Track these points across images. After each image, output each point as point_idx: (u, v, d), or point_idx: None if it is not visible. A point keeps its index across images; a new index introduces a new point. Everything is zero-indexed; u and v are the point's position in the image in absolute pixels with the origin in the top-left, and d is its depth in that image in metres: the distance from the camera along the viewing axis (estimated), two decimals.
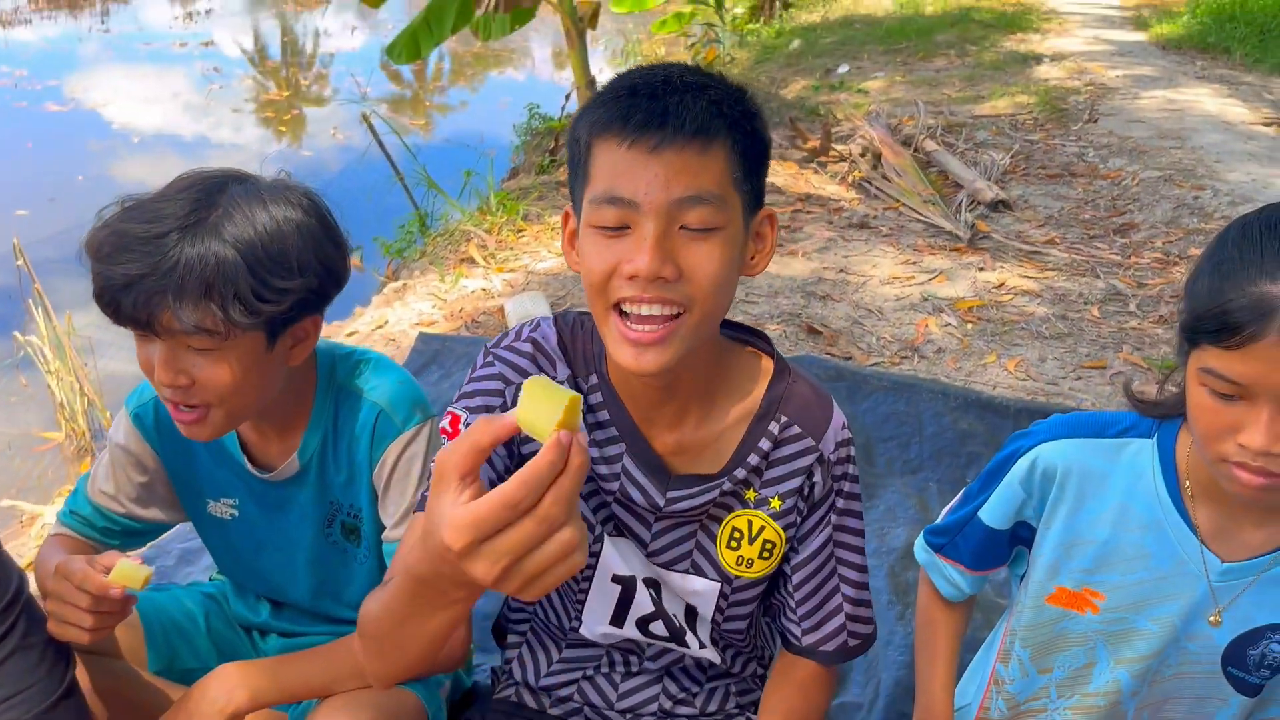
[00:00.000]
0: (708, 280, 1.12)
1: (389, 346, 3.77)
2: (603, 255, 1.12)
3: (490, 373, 1.31)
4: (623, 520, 1.37)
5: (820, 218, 5.28)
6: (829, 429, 1.35)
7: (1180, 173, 6.05)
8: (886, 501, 2.75)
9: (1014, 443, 1.44)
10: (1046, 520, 1.41)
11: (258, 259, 1.29)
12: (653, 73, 1.16)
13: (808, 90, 8.86)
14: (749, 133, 1.15)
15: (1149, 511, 1.33)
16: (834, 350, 3.70)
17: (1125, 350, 3.79)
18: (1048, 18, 12.66)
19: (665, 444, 1.31)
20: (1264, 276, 1.06)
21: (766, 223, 1.23)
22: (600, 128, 1.12)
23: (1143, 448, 1.34)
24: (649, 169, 1.09)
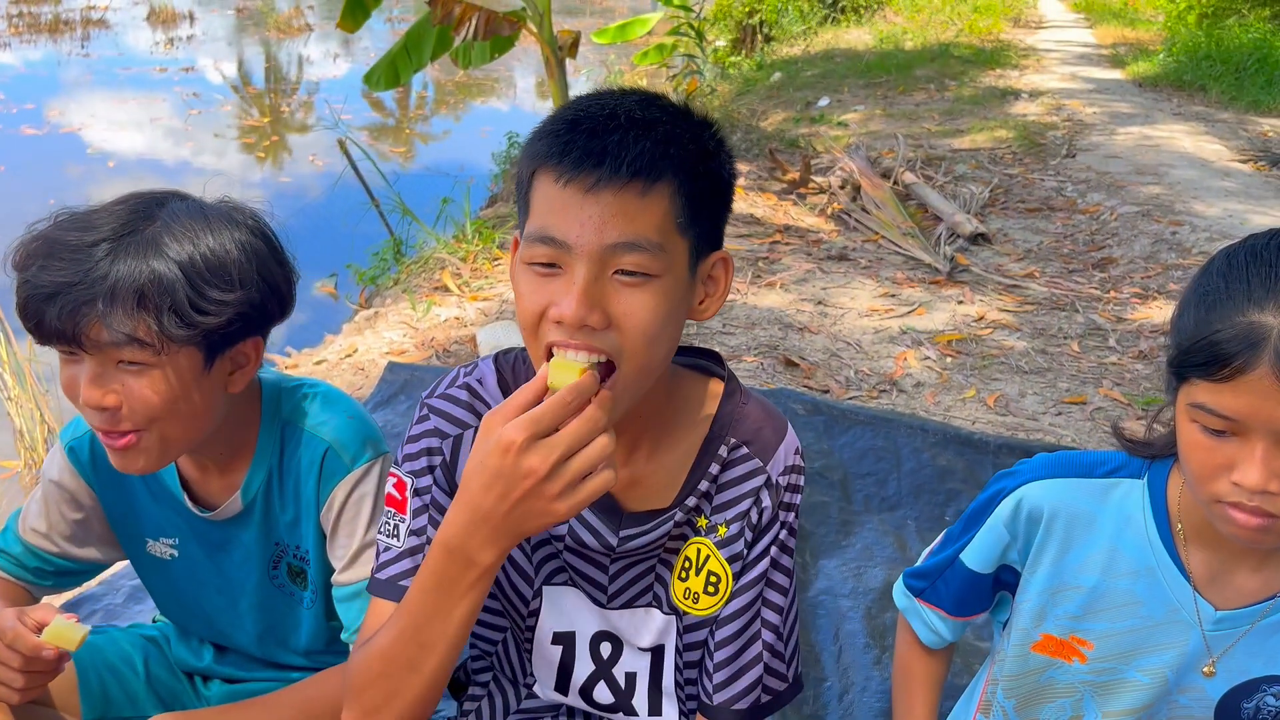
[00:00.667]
0: (637, 331, 1.06)
1: (357, 375, 3.69)
2: (534, 295, 1.07)
3: (425, 428, 1.26)
4: (575, 567, 1.31)
5: (799, 249, 5.24)
6: (779, 451, 1.27)
7: (1158, 208, 6.08)
8: (863, 540, 2.67)
9: (998, 482, 1.38)
10: (1032, 564, 1.34)
11: (196, 270, 1.23)
12: (600, 103, 1.08)
13: (788, 122, 8.89)
14: (701, 174, 1.08)
15: (1139, 556, 1.27)
16: (811, 383, 3.65)
17: (1105, 385, 3.75)
18: (1026, 54, 12.82)
19: (618, 482, 1.24)
20: (1252, 306, 1.02)
21: (720, 266, 1.16)
22: (539, 160, 1.06)
23: (1132, 489, 1.29)
24: (583, 210, 1.02)
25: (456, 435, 1.26)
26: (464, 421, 1.26)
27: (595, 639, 1.35)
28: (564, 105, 1.12)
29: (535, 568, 1.33)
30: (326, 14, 19.26)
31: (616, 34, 9.13)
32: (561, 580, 1.32)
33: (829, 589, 2.46)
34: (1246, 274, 1.05)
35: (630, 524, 1.25)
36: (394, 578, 1.26)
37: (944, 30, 14.31)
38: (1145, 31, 15.33)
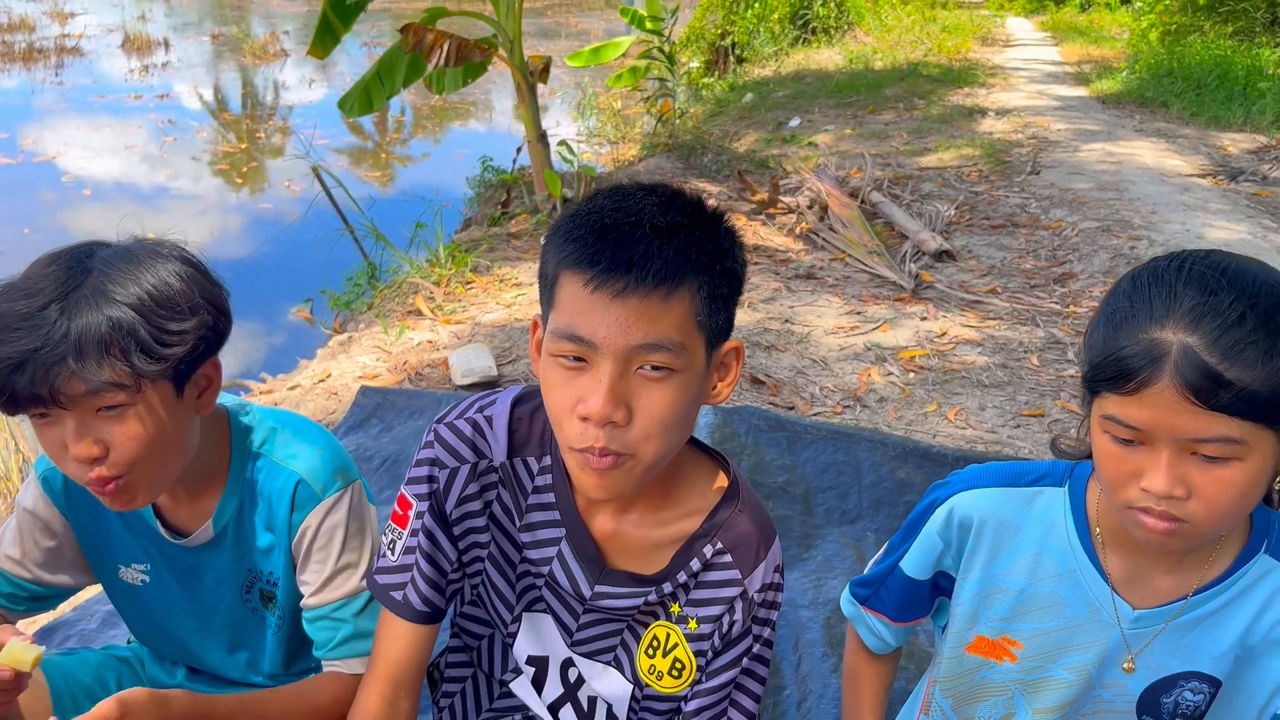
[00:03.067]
0: (656, 423, 1.13)
1: (330, 400, 3.74)
2: (563, 389, 1.14)
3: (429, 455, 1.34)
4: (549, 602, 1.38)
5: (767, 269, 5.33)
6: (760, 568, 1.32)
7: (1118, 223, 6.20)
8: (824, 552, 2.75)
9: (932, 493, 1.46)
10: (964, 570, 1.41)
11: (148, 308, 1.28)
12: (625, 208, 1.14)
13: (760, 143, 9.00)
14: (719, 272, 1.15)
15: (1062, 560, 1.34)
16: (777, 400, 3.72)
17: (1063, 398, 3.85)
18: (993, 73, 13.02)
19: (604, 529, 1.32)
20: (1153, 324, 1.09)
21: (732, 354, 1.24)
22: (568, 263, 1.12)
23: (1054, 496, 1.36)
24: (610, 313, 1.09)
25: (453, 469, 1.33)
26: (463, 456, 1.33)
27: (565, 664, 1.42)
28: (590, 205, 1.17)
29: (517, 595, 1.40)
30: (302, 40, 19.30)
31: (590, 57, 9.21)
32: (540, 608, 1.39)
33: (790, 600, 2.52)
34: (1149, 294, 1.12)
35: (609, 580, 1.32)
36: (386, 587, 1.37)
37: (913, 50, 14.52)
38: (1109, 49, 15.60)
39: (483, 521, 1.36)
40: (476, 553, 1.39)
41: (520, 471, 1.34)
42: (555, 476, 1.33)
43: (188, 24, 22.93)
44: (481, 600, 1.44)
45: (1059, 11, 21.44)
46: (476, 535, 1.37)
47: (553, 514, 1.34)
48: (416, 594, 1.36)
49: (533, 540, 1.35)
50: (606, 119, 11.78)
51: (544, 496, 1.34)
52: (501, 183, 7.22)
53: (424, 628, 1.38)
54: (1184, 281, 1.11)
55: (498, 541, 1.38)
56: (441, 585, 1.38)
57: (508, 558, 1.38)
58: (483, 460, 1.34)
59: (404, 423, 3.38)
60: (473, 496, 1.35)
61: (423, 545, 1.35)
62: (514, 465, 1.34)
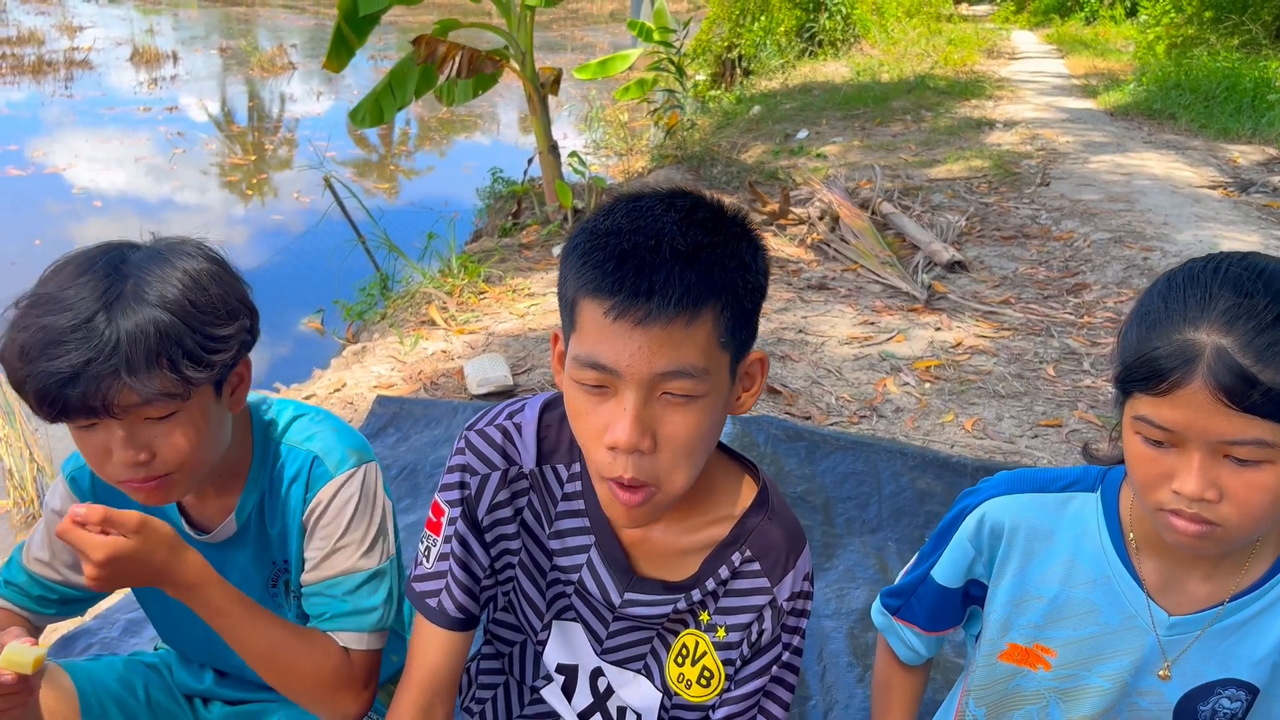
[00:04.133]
0: (682, 449, 1.13)
1: (346, 409, 3.74)
2: (589, 416, 1.14)
3: (460, 462, 1.34)
4: (579, 610, 1.38)
5: (779, 279, 5.33)
6: (789, 576, 1.31)
7: (1130, 234, 6.20)
8: (845, 562, 2.74)
9: (962, 500, 1.45)
10: (996, 577, 1.41)
11: (191, 314, 1.27)
12: (643, 228, 1.10)
13: (768, 155, 9.02)
14: (742, 289, 1.13)
15: (1095, 566, 1.33)
16: (793, 410, 3.72)
17: (1080, 408, 3.84)
18: (1000, 85, 13.04)
19: (633, 536, 1.32)
20: (1187, 324, 1.09)
21: (756, 365, 1.23)
22: (588, 290, 1.10)
23: (1087, 502, 1.35)
24: (632, 340, 1.08)
25: (484, 475, 1.33)
26: (493, 463, 1.33)
27: (594, 673, 1.42)
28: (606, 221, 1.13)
29: (547, 603, 1.39)
30: (309, 52, 19.41)
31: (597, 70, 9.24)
32: (570, 616, 1.39)
33: (813, 610, 2.51)
34: (1184, 295, 1.12)
35: (637, 588, 1.32)
36: (423, 594, 1.37)
37: (919, 62, 14.55)
38: (1116, 62, 15.63)
39: (514, 528, 1.36)
40: (508, 559, 1.39)
41: (550, 479, 1.34)
42: (584, 484, 1.33)
43: (195, 37, 23.04)
44: (513, 607, 1.44)
45: (1064, 25, 21.48)
46: (508, 542, 1.37)
47: (582, 521, 1.33)
48: (451, 600, 1.36)
49: (562, 548, 1.35)
50: (613, 131, 11.81)
51: (573, 504, 1.34)
52: (512, 194, 7.24)
53: (459, 635, 1.38)
54: (1219, 283, 1.11)
55: (528, 549, 1.37)
56: (475, 592, 1.38)
57: (538, 565, 1.38)
58: (513, 467, 1.34)
59: (420, 432, 3.38)
60: (504, 503, 1.35)
61: (456, 551, 1.35)
62: (543, 472, 1.34)
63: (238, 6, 31.33)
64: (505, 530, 1.36)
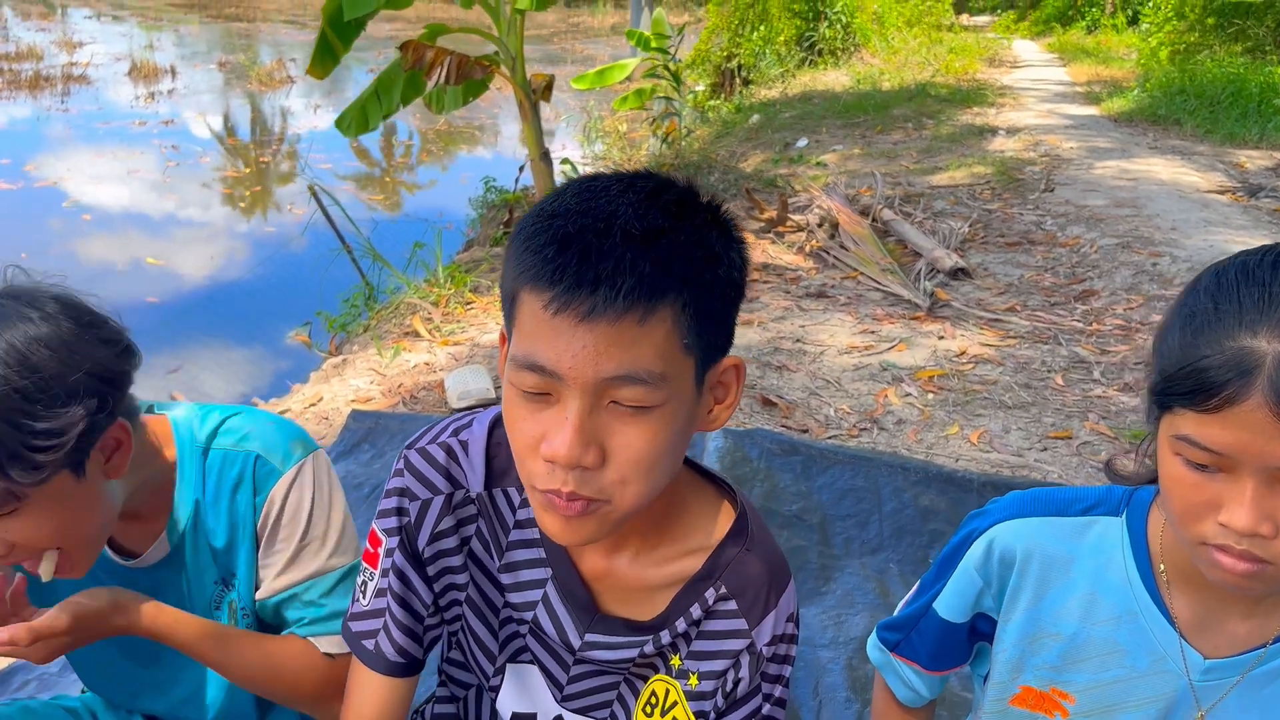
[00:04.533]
0: (632, 465, 0.96)
1: (321, 425, 3.58)
2: (526, 424, 0.98)
3: (398, 485, 1.18)
4: (536, 654, 1.22)
5: (777, 287, 5.17)
6: (769, 616, 1.14)
7: (1138, 240, 6.04)
8: (844, 585, 2.56)
9: (969, 524, 1.29)
10: (1007, 611, 1.24)
11: (14, 408, 1.07)
12: (593, 210, 0.93)
13: (767, 164, 8.89)
14: (709, 283, 0.96)
15: (1120, 601, 1.17)
16: (790, 423, 3.55)
17: (1091, 419, 3.66)
18: (1002, 93, 12.92)
19: (596, 570, 1.16)
20: (1243, 329, 0.92)
21: (731, 374, 1.05)
22: (526, 279, 0.94)
23: (1110, 527, 1.19)
24: (575, 339, 0.91)
25: (425, 500, 1.17)
26: (435, 486, 1.17)
27: None
28: (554, 204, 0.97)
29: (500, 644, 1.24)
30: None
31: (595, 79, 9.14)
32: (526, 659, 1.23)
33: (808, 639, 2.34)
34: (1238, 294, 0.95)
35: (600, 628, 1.16)
36: (358, 635, 1.22)
37: (920, 71, 14.43)
38: (1119, 69, 15.50)
39: (459, 560, 1.20)
40: (454, 595, 1.23)
41: (500, 504, 1.18)
42: None
43: (196, 53, 23.03)
44: (462, 648, 1.28)
45: (1066, 33, 21.36)
46: (453, 576, 1.21)
47: (537, 552, 1.17)
48: (390, 643, 1.21)
49: (515, 582, 1.19)
50: (613, 142, 11.70)
51: (527, 532, 1.17)
52: (504, 203, 7.11)
53: (400, 681, 1.22)
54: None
55: (477, 583, 1.21)
56: (417, 632, 1.22)
57: (489, 601, 1.22)
58: (458, 490, 1.17)
59: (396, 448, 3.22)
60: (447, 531, 1.18)
61: (394, 587, 1.19)
62: (493, 496, 1.18)
63: (239, 22, 31.41)
64: (450, 562, 1.20)
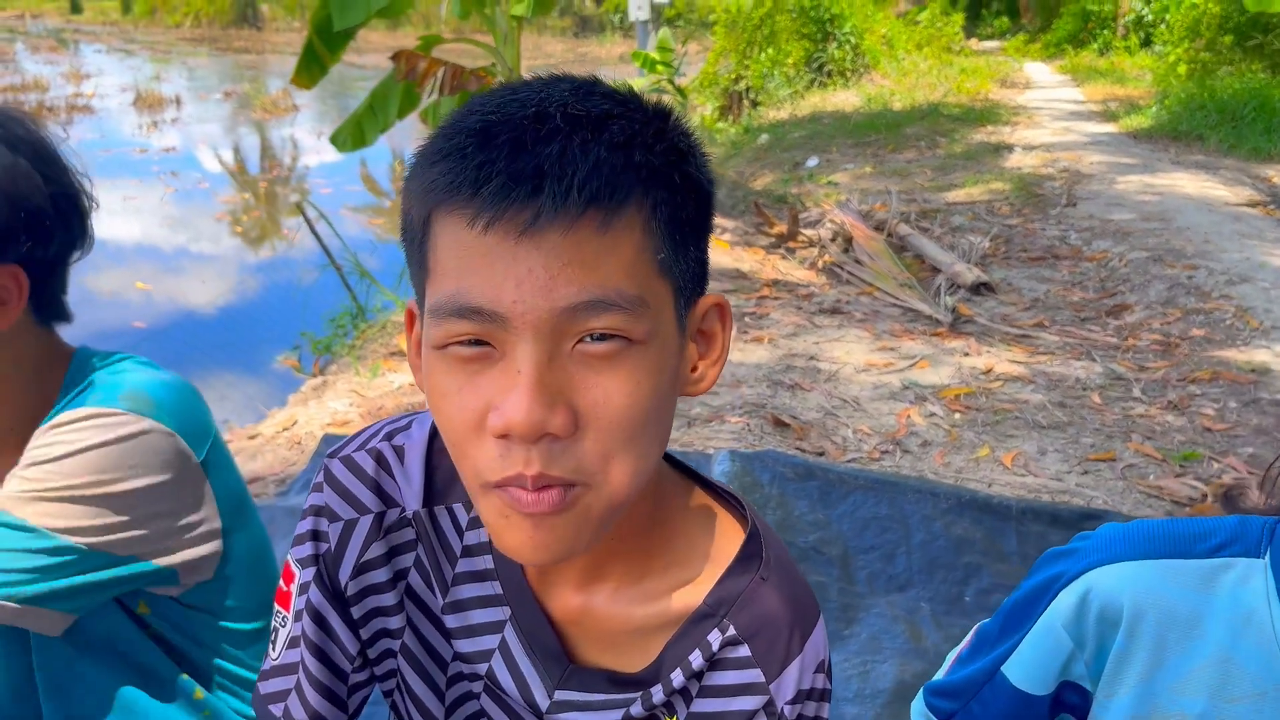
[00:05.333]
0: (616, 428, 0.70)
1: (292, 450, 3.28)
2: (462, 399, 0.69)
3: (316, 503, 0.89)
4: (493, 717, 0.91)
5: (789, 303, 4.87)
6: (793, 665, 0.83)
7: (1170, 253, 5.73)
8: (869, 628, 2.23)
9: (1052, 566, 0.98)
10: (1110, 683, 0.94)
11: None
12: (518, 99, 0.69)
13: (776, 183, 8.63)
14: (679, 184, 0.71)
15: (1267, 671, 0.88)
16: (804, 445, 3.23)
17: (1135, 440, 3.34)
18: (1016, 112, 12.67)
19: (567, 609, 0.86)
20: None
21: (715, 315, 0.79)
22: (438, 194, 0.68)
23: (1250, 572, 0.89)
24: (518, 262, 0.66)
25: (350, 520, 0.88)
26: (361, 504, 0.88)
27: None
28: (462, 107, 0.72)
29: (447, 708, 0.93)
30: (314, 95, 19.29)
31: None
32: None
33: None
34: None
35: (574, 684, 0.86)
36: (267, 698, 0.92)
37: (932, 92, 14.18)
38: (1134, 88, 15.22)
39: (393, 598, 0.91)
40: (386, 644, 0.93)
41: (444, 525, 0.89)
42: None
43: (203, 84, 23.03)
44: (399, 715, 0.97)
45: (1078, 56, 21.12)
46: (385, 619, 0.92)
47: (491, 586, 0.88)
48: (303, 707, 0.91)
49: (463, 625, 0.89)
50: None
51: (477, 561, 0.88)
52: None
53: None
54: None
55: (417, 628, 0.92)
56: (339, 693, 0.92)
57: (431, 651, 0.92)
58: (391, 510, 0.89)
59: None
60: (376, 562, 0.89)
61: (309, 633, 0.90)
62: (434, 516, 0.89)
63: (248, 54, 31.53)
64: (381, 601, 0.91)
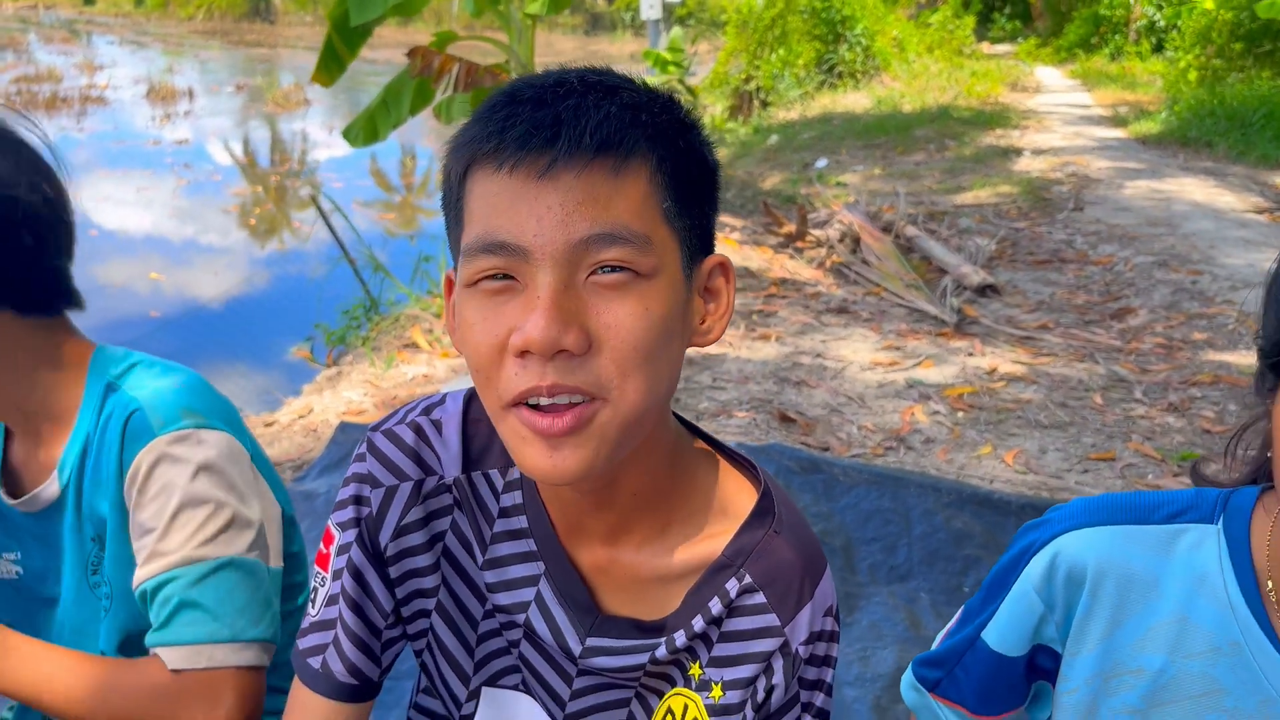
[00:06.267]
0: (628, 347, 0.79)
1: (308, 438, 3.36)
2: (486, 326, 0.81)
3: (359, 471, 0.98)
4: (532, 665, 1.00)
5: (796, 302, 4.94)
6: (805, 609, 0.93)
7: (1175, 258, 5.80)
8: (870, 616, 2.31)
9: (1026, 536, 1.05)
10: (1075, 642, 1.01)
11: None
12: (543, 75, 0.84)
13: (785, 183, 8.70)
14: (683, 149, 0.84)
15: (1219, 628, 0.95)
16: (810, 440, 3.30)
17: (1135, 440, 3.40)
18: (1026, 116, 12.73)
19: (595, 562, 0.95)
20: None
21: (719, 273, 0.90)
22: (472, 149, 0.81)
23: (1204, 538, 0.97)
24: (539, 200, 0.77)
25: (389, 487, 0.97)
26: (403, 471, 0.97)
27: None
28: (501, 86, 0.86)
29: (476, 663, 1.02)
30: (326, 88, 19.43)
31: None
32: (511, 683, 1.02)
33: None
34: None
35: (602, 631, 0.95)
36: (305, 652, 1.00)
37: (942, 94, 14.25)
38: (1145, 94, 15.27)
39: (428, 559, 0.99)
40: (420, 604, 1.01)
41: (481, 489, 0.97)
42: (526, 492, 0.96)
43: (216, 78, 23.17)
44: (429, 671, 1.05)
45: (1089, 60, 21.16)
46: (420, 579, 1.00)
47: (526, 544, 0.96)
48: (340, 659, 0.99)
49: (502, 580, 0.98)
50: None
51: (514, 521, 0.97)
52: None
53: (349, 708, 1.00)
54: None
55: (450, 586, 1.00)
56: (373, 648, 1.00)
57: (464, 609, 1.00)
58: (430, 477, 0.97)
59: None
60: (415, 525, 0.97)
61: (348, 589, 0.98)
62: (472, 482, 0.97)
63: (260, 48, 31.69)
64: (417, 563, 0.99)
